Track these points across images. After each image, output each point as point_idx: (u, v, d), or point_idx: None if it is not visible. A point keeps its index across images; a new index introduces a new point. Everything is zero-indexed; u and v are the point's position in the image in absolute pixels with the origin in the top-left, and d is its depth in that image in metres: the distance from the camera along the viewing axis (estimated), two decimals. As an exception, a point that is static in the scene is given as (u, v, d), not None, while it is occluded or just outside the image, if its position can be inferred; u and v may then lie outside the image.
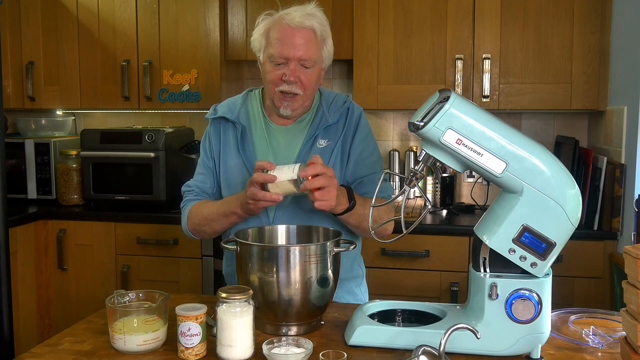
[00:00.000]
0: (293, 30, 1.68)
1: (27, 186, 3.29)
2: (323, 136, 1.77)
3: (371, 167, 1.80)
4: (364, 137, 1.81)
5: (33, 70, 3.34)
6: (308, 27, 1.68)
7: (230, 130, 1.82)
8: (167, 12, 3.18)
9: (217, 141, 1.83)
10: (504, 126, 1.26)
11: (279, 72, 1.70)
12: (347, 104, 1.81)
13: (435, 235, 2.74)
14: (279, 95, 1.73)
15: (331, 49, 1.77)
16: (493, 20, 2.87)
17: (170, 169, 3.13)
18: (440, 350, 1.12)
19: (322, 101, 1.82)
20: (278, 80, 1.71)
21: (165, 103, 3.22)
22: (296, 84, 1.70)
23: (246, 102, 1.86)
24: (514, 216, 1.26)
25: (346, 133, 1.78)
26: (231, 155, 1.80)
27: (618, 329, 1.43)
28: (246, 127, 1.80)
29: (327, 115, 1.77)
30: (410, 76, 2.96)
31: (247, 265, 1.44)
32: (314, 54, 1.70)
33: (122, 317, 1.36)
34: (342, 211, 1.62)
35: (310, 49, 1.69)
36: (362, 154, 1.79)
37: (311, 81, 1.73)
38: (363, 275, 1.91)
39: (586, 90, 2.82)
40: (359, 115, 1.82)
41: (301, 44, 1.68)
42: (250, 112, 1.84)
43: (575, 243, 2.57)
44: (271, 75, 1.72)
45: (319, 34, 1.71)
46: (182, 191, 1.89)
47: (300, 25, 1.68)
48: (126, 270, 3.03)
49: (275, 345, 1.29)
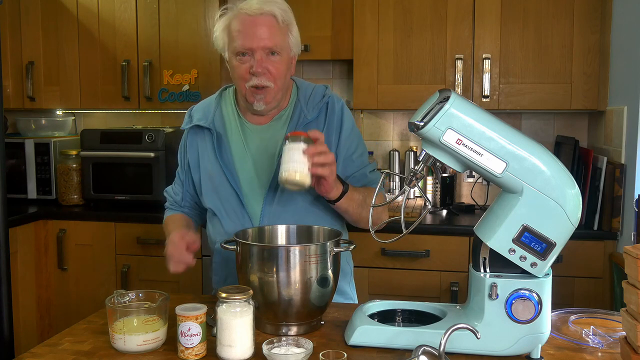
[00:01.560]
0: (252, 18, 1.63)
1: (27, 186, 3.29)
2: None
3: (360, 162, 1.78)
4: (349, 132, 1.76)
5: (33, 70, 3.34)
6: (267, 13, 1.63)
7: (207, 136, 1.77)
8: (167, 12, 3.18)
9: (194, 151, 1.80)
10: (504, 126, 1.26)
11: (245, 65, 1.65)
12: (326, 98, 1.75)
13: (435, 235, 2.74)
14: (250, 91, 1.67)
15: (297, 36, 1.72)
16: (493, 20, 2.87)
17: (170, 169, 3.13)
18: (440, 350, 1.12)
19: (299, 95, 1.76)
20: (246, 74, 1.65)
21: (165, 103, 3.22)
22: (265, 76, 1.65)
23: (220, 104, 1.81)
24: (514, 216, 1.26)
25: (329, 129, 1.73)
26: (210, 162, 1.76)
27: (618, 329, 1.43)
28: (221, 132, 1.75)
29: (306, 111, 1.72)
30: (410, 76, 2.96)
31: (247, 265, 1.44)
32: (278, 40, 1.65)
33: (122, 317, 1.36)
34: (337, 196, 1.61)
35: (274, 35, 1.64)
36: (349, 150, 1.76)
37: (280, 70, 1.67)
38: (351, 272, 1.88)
39: (586, 90, 2.82)
40: (341, 110, 1.76)
41: (263, 32, 1.63)
42: (224, 115, 1.79)
43: (575, 243, 2.57)
44: (238, 70, 1.67)
45: (281, 19, 1.66)
46: (164, 192, 1.95)
47: (259, 12, 1.63)
48: (126, 270, 3.03)
49: (275, 345, 1.29)
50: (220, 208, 1.75)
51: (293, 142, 1.51)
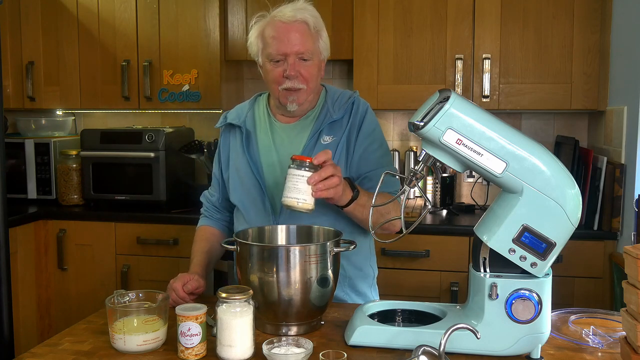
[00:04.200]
0: (286, 25, 1.71)
1: (27, 186, 3.29)
2: (328, 132, 1.77)
3: (376, 162, 1.78)
4: (370, 132, 1.81)
5: (33, 70, 3.34)
6: (300, 20, 1.71)
7: (238, 134, 1.85)
8: (167, 12, 3.18)
9: (226, 149, 1.88)
10: (504, 126, 1.26)
11: (279, 69, 1.73)
12: (352, 99, 1.82)
13: (435, 235, 2.74)
14: (283, 93, 1.75)
15: (327, 41, 1.80)
16: (493, 20, 2.87)
17: (170, 169, 3.13)
18: (440, 350, 1.12)
19: (327, 98, 1.83)
20: (280, 78, 1.73)
21: (165, 103, 3.22)
22: (298, 79, 1.72)
23: (253, 107, 1.89)
24: (514, 216, 1.26)
25: (351, 128, 1.79)
26: (238, 157, 1.83)
27: (618, 329, 1.43)
28: (251, 130, 1.83)
29: (332, 112, 1.79)
30: (410, 76, 2.96)
31: (247, 265, 1.44)
32: (310, 46, 1.73)
33: (122, 317, 1.36)
34: (348, 202, 1.61)
35: (306, 41, 1.72)
36: (367, 149, 1.79)
37: (312, 73, 1.75)
38: (374, 276, 1.90)
39: (586, 90, 2.82)
40: (365, 111, 1.83)
41: (296, 38, 1.71)
42: (256, 115, 1.87)
43: (575, 243, 2.57)
44: (272, 74, 1.74)
45: (312, 25, 1.74)
46: (200, 199, 1.99)
47: (293, 19, 1.71)
48: (126, 270, 3.03)
49: (275, 345, 1.29)
50: (244, 201, 1.80)
51: (297, 169, 1.50)
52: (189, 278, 1.64)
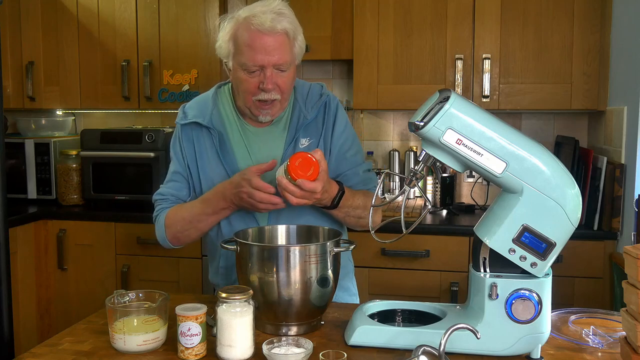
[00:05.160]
0: (264, 35, 1.59)
1: (27, 186, 3.29)
2: (304, 135, 1.73)
3: (352, 161, 1.77)
4: (342, 130, 1.77)
5: (33, 70, 3.34)
6: (280, 31, 1.60)
7: (205, 136, 1.74)
8: (167, 12, 3.18)
9: (191, 147, 1.76)
10: (504, 126, 1.26)
11: (254, 80, 1.62)
12: (324, 97, 1.76)
13: (435, 235, 2.74)
14: (257, 104, 1.66)
15: (302, 44, 1.70)
16: (493, 20, 2.87)
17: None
18: (440, 350, 1.12)
19: (297, 95, 1.76)
20: (254, 89, 1.63)
21: (165, 103, 3.22)
22: (274, 90, 1.63)
23: (217, 103, 1.77)
24: (514, 216, 1.26)
25: (326, 129, 1.75)
26: (210, 164, 1.73)
27: (618, 329, 1.43)
28: (222, 133, 1.73)
29: (305, 111, 1.73)
30: (410, 76, 2.96)
31: (247, 265, 1.44)
32: (288, 57, 1.63)
33: (122, 317, 1.36)
34: (332, 202, 1.62)
35: (285, 53, 1.62)
36: (342, 148, 1.76)
37: (288, 83, 1.67)
38: (352, 269, 1.91)
39: (586, 90, 2.82)
40: (336, 108, 1.77)
41: (275, 49, 1.60)
42: (223, 114, 1.77)
43: (575, 243, 2.57)
44: (246, 84, 1.64)
45: (292, 35, 1.63)
46: (153, 200, 1.82)
47: (271, 30, 1.58)
48: (126, 270, 3.03)
49: (275, 345, 1.29)
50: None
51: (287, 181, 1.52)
52: (255, 168, 1.57)
